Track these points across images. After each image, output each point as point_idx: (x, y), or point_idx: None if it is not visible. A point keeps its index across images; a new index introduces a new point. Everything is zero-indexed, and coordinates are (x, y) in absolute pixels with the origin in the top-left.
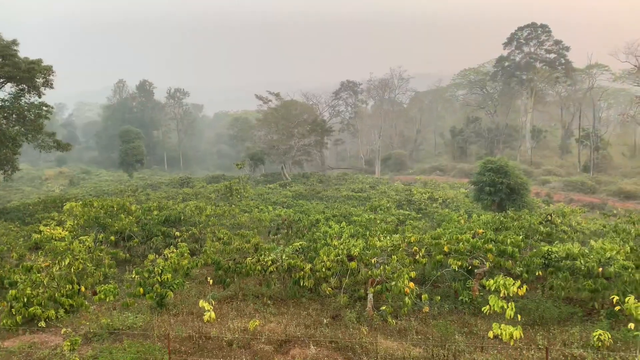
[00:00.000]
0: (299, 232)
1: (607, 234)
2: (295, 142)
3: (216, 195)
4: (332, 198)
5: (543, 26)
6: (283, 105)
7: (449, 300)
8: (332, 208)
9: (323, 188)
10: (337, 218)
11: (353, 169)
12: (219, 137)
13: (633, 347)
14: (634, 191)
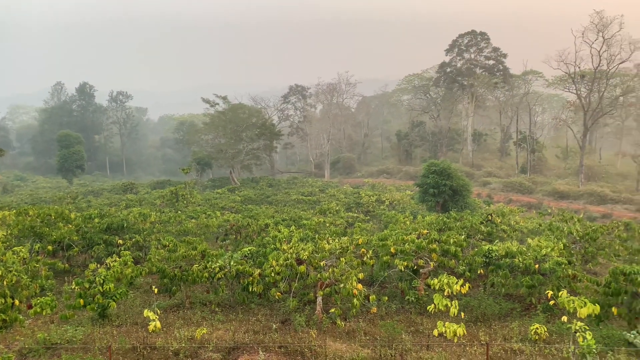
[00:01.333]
0: (247, 237)
1: (543, 232)
2: (243, 146)
3: (161, 202)
4: (282, 202)
5: (482, 34)
6: (231, 108)
7: (396, 300)
8: (281, 212)
9: (273, 192)
10: (287, 222)
11: (303, 172)
12: (164, 142)
13: (567, 339)
14: (566, 191)
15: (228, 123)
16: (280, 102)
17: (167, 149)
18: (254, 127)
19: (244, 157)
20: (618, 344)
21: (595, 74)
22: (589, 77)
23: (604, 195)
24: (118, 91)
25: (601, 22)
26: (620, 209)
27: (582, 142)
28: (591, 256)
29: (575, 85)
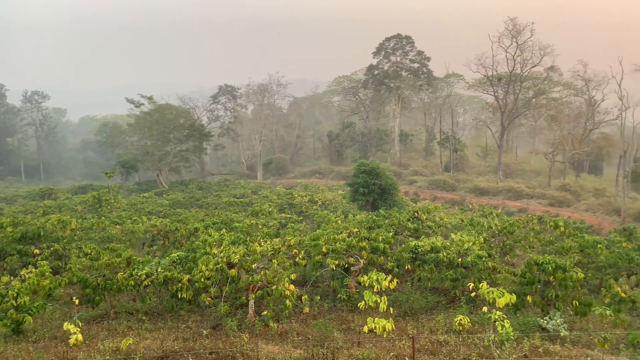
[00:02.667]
0: (176, 242)
1: (465, 227)
2: (171, 147)
3: (83, 207)
4: (213, 205)
5: (407, 37)
6: (157, 109)
7: (328, 299)
8: (212, 215)
9: (203, 195)
10: (218, 225)
11: (235, 174)
12: (86, 144)
13: (488, 328)
14: (486, 188)
15: (154, 124)
16: (210, 103)
17: (89, 151)
18: (182, 128)
19: (172, 159)
20: (533, 329)
21: (510, 77)
22: (505, 80)
23: (520, 191)
24: (33, 91)
25: (515, 28)
26: (535, 203)
27: (500, 141)
28: (509, 248)
29: (493, 87)
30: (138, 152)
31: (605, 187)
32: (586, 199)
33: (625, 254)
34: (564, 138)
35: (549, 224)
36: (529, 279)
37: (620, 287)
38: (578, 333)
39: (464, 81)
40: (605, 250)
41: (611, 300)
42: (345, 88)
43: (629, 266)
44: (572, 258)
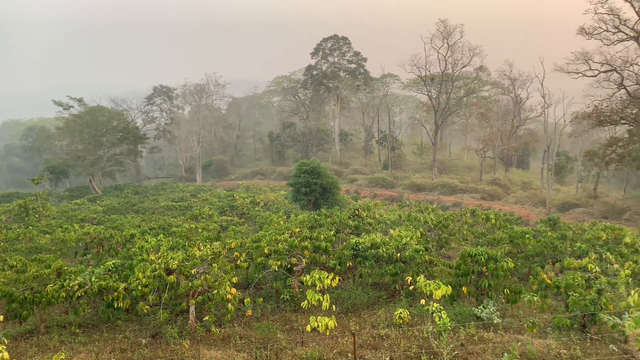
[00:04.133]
0: (111, 250)
1: (403, 222)
2: (104, 151)
3: (7, 217)
4: (150, 210)
5: (344, 38)
6: (88, 111)
7: (271, 300)
8: (149, 221)
9: (139, 200)
10: (155, 231)
11: (173, 177)
12: (10, 149)
13: (426, 320)
14: (423, 184)
15: (85, 127)
16: (144, 104)
17: (14, 157)
18: (115, 131)
19: (105, 163)
20: (469, 319)
21: (442, 77)
22: (438, 80)
23: (454, 186)
24: None
25: (446, 30)
26: (468, 197)
27: (434, 139)
28: (444, 242)
29: (427, 87)
30: (68, 156)
31: (531, 180)
32: (515, 192)
33: (550, 242)
34: (494, 135)
35: (481, 217)
36: (464, 271)
37: (546, 274)
38: (509, 319)
39: (399, 81)
40: (532, 240)
41: (538, 287)
42: (284, 88)
43: (553, 254)
44: (503, 249)
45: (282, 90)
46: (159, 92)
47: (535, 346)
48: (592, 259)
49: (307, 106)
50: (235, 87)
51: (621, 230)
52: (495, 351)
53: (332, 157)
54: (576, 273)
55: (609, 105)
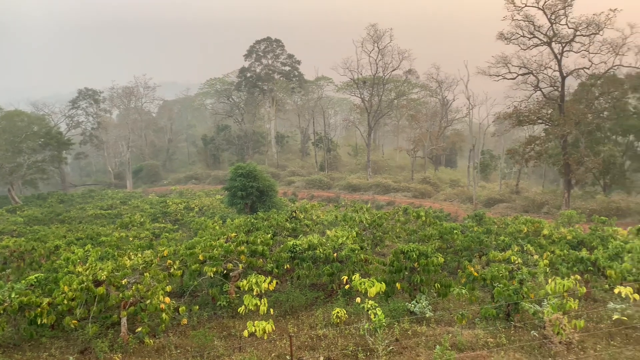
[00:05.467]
0: (34, 263)
1: (339, 223)
2: (24, 158)
3: None
4: (77, 219)
5: (277, 41)
6: (5, 116)
7: (207, 307)
8: (76, 230)
9: (65, 209)
10: (83, 241)
11: (101, 184)
12: None
13: (363, 318)
14: (358, 184)
15: (2, 133)
16: (68, 108)
17: None
18: (37, 136)
19: (25, 171)
20: (402, 314)
21: (374, 80)
22: (370, 83)
23: (387, 186)
24: None
25: (376, 34)
26: (401, 196)
27: (368, 140)
28: (379, 240)
29: (359, 90)
30: None
31: (459, 178)
32: (444, 190)
33: (477, 237)
34: (423, 135)
35: (412, 214)
36: (397, 267)
37: (474, 267)
38: (441, 313)
39: (333, 84)
40: (460, 235)
41: (466, 280)
42: (218, 90)
43: (480, 248)
44: (434, 244)
45: (216, 92)
46: (85, 95)
47: (465, 337)
48: (514, 251)
49: (242, 108)
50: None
51: (540, 223)
52: (428, 344)
53: (269, 160)
54: (500, 265)
55: (527, 106)
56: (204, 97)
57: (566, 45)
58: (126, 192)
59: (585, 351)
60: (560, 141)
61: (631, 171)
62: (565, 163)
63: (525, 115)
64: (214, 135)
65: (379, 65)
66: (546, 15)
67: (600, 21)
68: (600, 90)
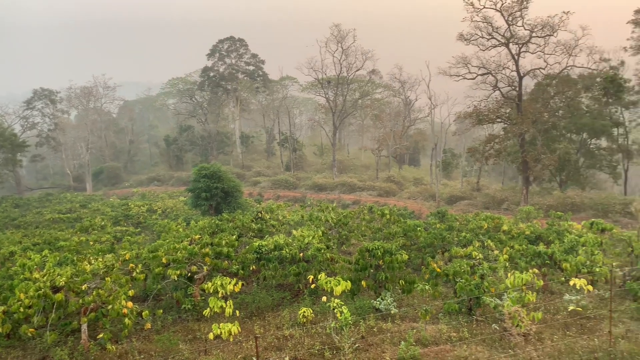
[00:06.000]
0: None
1: (305, 222)
2: None
3: None
4: (34, 224)
5: (240, 40)
6: None
7: (172, 311)
8: (32, 236)
9: (21, 213)
10: (40, 246)
11: (59, 187)
12: None
13: (329, 316)
14: (324, 184)
15: None
16: (23, 109)
17: None
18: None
19: None
20: (368, 311)
21: (338, 80)
22: (334, 83)
23: (353, 185)
24: None
25: (339, 34)
26: (366, 195)
27: (333, 139)
28: (345, 238)
29: (324, 89)
30: None
31: (422, 176)
32: (408, 188)
33: (439, 233)
34: (387, 135)
35: (377, 213)
36: (362, 265)
37: (437, 263)
38: (405, 309)
39: (298, 84)
40: (424, 232)
41: (430, 276)
42: (180, 90)
43: (442, 244)
44: (398, 242)
45: (178, 92)
46: (40, 96)
47: (429, 332)
48: (475, 247)
49: (205, 108)
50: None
51: (500, 219)
52: (393, 340)
53: (234, 160)
54: (462, 261)
55: (486, 105)
56: (166, 97)
57: (523, 46)
58: (86, 195)
59: (543, 342)
60: (519, 139)
61: (585, 168)
62: (523, 161)
63: (484, 115)
64: (176, 136)
65: (343, 65)
66: (504, 17)
67: (555, 23)
68: (555, 89)
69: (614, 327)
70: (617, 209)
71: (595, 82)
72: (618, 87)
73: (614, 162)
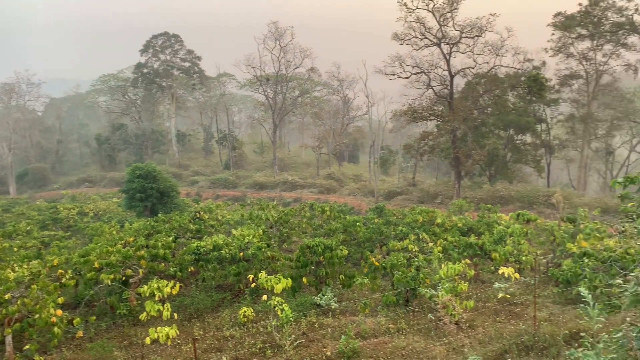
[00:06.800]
0: None
1: (246, 221)
2: None
3: None
4: None
5: (175, 36)
6: None
7: (106, 317)
8: None
9: None
10: None
11: None
12: None
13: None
14: (265, 182)
15: None
16: None
17: None
18: None
19: None
20: (309, 307)
21: (277, 77)
22: (273, 80)
23: (294, 182)
24: None
25: (277, 31)
26: (307, 192)
27: (273, 137)
28: (286, 236)
29: (263, 87)
30: None
31: (362, 172)
32: (348, 185)
33: (378, 228)
34: (327, 132)
35: (317, 210)
36: (303, 262)
37: (375, 257)
38: (346, 303)
39: (236, 81)
40: (363, 228)
41: (369, 270)
42: (112, 87)
43: (380, 238)
44: (338, 237)
45: (110, 89)
46: None
47: (368, 324)
48: (411, 240)
49: (139, 106)
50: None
51: (434, 212)
52: (334, 334)
53: (170, 160)
54: (399, 254)
55: (420, 103)
56: (96, 95)
57: (453, 46)
58: (9, 198)
59: (475, 328)
60: (451, 136)
61: (512, 162)
62: (455, 156)
63: (419, 112)
64: (109, 135)
65: (281, 63)
66: (435, 17)
67: (482, 24)
68: (484, 88)
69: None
70: (540, 200)
71: (520, 81)
72: (540, 86)
73: (537, 157)
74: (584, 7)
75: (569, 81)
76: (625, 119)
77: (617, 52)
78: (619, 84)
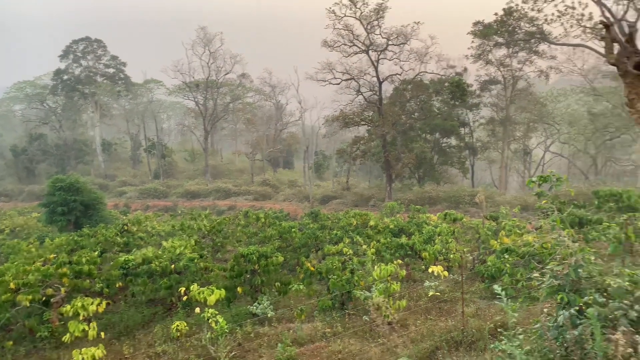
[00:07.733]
0: None
1: (177, 232)
2: None
3: None
4: None
5: (98, 41)
6: None
7: (25, 341)
8: None
9: None
10: None
11: None
12: None
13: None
14: (197, 190)
15: None
16: None
17: None
18: None
19: None
20: (245, 317)
21: (207, 83)
22: (203, 86)
23: (228, 190)
24: None
25: (206, 37)
26: (242, 199)
27: (205, 144)
28: (220, 246)
29: (192, 93)
30: None
31: (297, 178)
32: (283, 191)
33: (313, 233)
34: (260, 139)
35: (252, 217)
36: (237, 272)
37: (311, 262)
38: (282, 311)
39: (165, 87)
40: (298, 233)
41: (304, 275)
42: (28, 95)
43: (316, 243)
44: (274, 244)
45: (26, 97)
46: None
47: (305, 331)
48: (346, 243)
49: (60, 114)
50: None
51: (367, 215)
52: (270, 343)
53: (95, 170)
54: (334, 257)
55: (351, 109)
56: (11, 103)
57: (381, 53)
58: None
59: (407, 327)
60: (381, 140)
61: (439, 164)
62: (386, 160)
63: (350, 118)
64: (26, 146)
65: (211, 69)
66: (363, 25)
67: (407, 32)
68: (410, 94)
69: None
70: (466, 200)
71: (444, 86)
72: (463, 91)
73: (462, 158)
74: (499, 17)
75: (489, 86)
76: (540, 122)
77: (530, 59)
78: (533, 89)
